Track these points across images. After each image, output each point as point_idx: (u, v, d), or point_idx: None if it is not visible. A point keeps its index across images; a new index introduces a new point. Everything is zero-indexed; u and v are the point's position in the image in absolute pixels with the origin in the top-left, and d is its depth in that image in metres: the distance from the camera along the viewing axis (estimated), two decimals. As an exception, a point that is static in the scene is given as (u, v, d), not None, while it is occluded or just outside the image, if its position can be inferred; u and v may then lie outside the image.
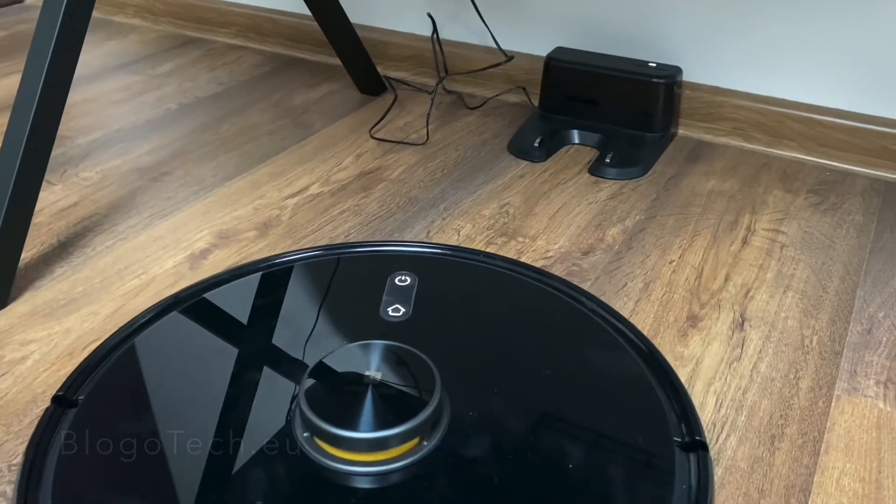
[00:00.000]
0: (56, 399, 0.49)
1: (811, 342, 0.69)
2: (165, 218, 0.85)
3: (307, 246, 0.79)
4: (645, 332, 0.69)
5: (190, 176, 0.94)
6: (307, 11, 1.14)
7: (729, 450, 0.58)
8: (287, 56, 1.30)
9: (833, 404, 0.62)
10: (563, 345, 0.55)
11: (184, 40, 1.37)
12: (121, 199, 0.89)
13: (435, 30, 1.18)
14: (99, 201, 0.88)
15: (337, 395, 0.43)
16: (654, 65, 1.02)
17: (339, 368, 0.44)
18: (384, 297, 0.56)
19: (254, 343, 0.52)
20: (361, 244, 0.64)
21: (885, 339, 0.69)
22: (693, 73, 1.04)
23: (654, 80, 1.00)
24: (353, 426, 0.41)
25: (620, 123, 1.03)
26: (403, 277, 0.58)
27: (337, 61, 1.22)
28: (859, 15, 0.92)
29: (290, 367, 0.46)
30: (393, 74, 1.21)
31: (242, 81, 1.20)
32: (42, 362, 0.64)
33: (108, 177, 0.93)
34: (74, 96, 1.14)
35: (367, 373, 0.44)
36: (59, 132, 1.02)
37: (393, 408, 0.42)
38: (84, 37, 0.75)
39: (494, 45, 1.14)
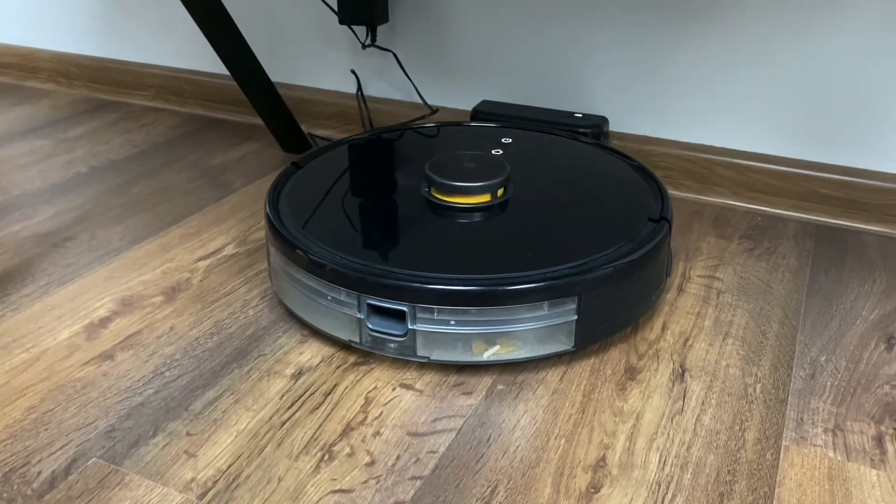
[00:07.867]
0: (293, 163, 0.84)
1: (755, 391, 0.65)
2: (64, 285, 0.78)
3: (217, 305, 0.73)
4: (581, 389, 0.65)
5: (95, 240, 0.87)
6: (227, 71, 1.11)
7: (676, 512, 0.53)
8: (207, 117, 1.26)
9: (782, 456, 0.58)
10: (600, 175, 0.85)
11: (99, 104, 1.31)
12: (15, 266, 0.81)
13: (359, 87, 1.15)
14: (-10, 270, 0.81)
15: (445, 169, 0.77)
16: (581, 115, 1.01)
17: (450, 160, 0.79)
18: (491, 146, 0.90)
19: (408, 157, 0.88)
20: (488, 114, 1.05)
21: (829, 383, 0.66)
22: (620, 123, 1.03)
23: (581, 130, 0.98)
24: (452, 180, 0.75)
25: (550, 175, 1.01)
26: (507, 138, 0.92)
27: (259, 121, 1.18)
28: (784, 61, 0.93)
29: (426, 164, 0.80)
30: (318, 132, 1.18)
31: (158, 143, 1.15)
32: None
33: (2, 244, 0.86)
34: (-26, 162, 1.07)
35: (465, 161, 0.79)
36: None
37: (477, 176, 0.76)
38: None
39: (419, 100, 1.12)
